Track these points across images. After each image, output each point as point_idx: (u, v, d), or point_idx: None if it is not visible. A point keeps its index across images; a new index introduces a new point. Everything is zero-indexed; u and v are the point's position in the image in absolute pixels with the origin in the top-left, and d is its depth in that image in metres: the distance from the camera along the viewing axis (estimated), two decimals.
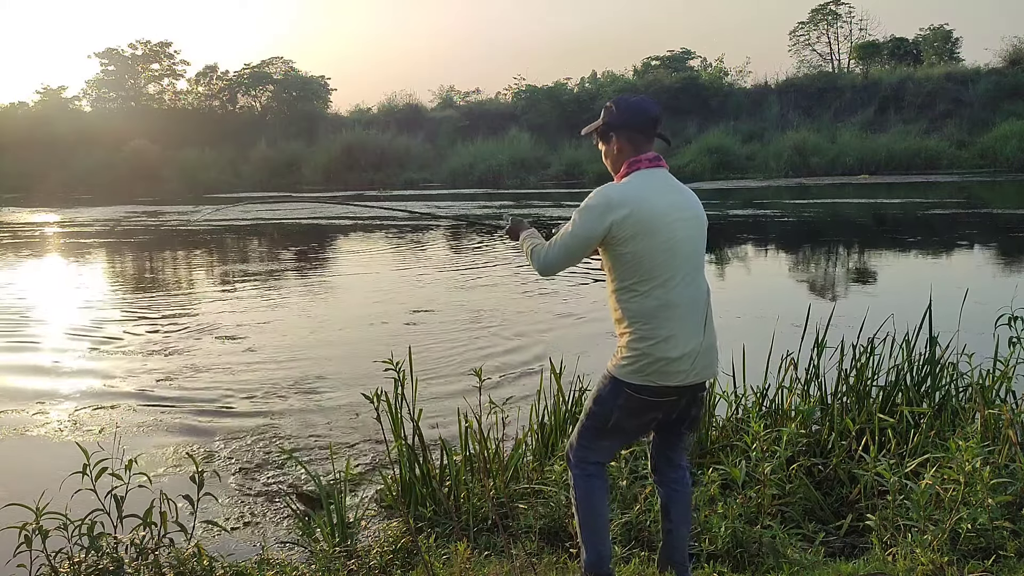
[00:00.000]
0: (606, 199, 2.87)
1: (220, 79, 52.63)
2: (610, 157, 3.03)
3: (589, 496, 3.05)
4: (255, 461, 5.32)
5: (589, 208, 2.88)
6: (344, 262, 15.89)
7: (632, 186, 2.90)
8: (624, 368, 2.92)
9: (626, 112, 3.00)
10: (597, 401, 3.00)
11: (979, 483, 3.30)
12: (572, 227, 2.92)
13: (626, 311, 2.93)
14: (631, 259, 2.87)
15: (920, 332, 4.65)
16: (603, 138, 3.04)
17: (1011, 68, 39.36)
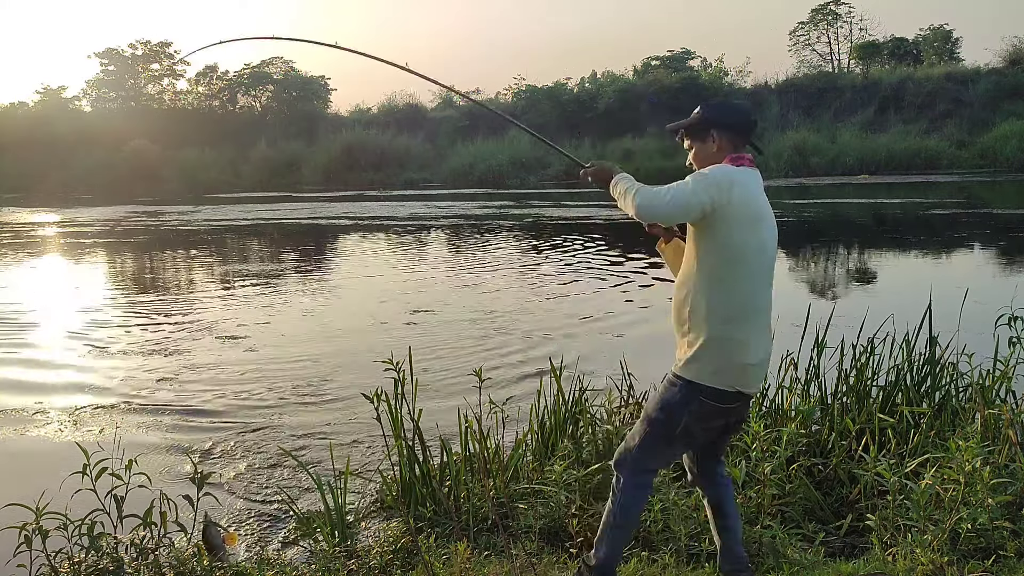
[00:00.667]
0: (727, 175, 2.80)
1: (220, 79, 52.63)
2: (704, 155, 2.97)
3: (634, 505, 3.02)
4: (255, 461, 5.32)
5: (709, 177, 2.79)
6: (344, 262, 15.89)
7: (745, 176, 2.85)
8: (703, 371, 2.83)
9: (728, 111, 3.01)
10: (664, 407, 2.90)
11: (979, 483, 3.30)
12: (692, 186, 2.77)
13: (710, 307, 2.82)
14: (729, 248, 2.79)
15: (920, 332, 4.65)
16: (698, 135, 2.99)
17: (1011, 68, 39.35)
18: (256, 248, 18.80)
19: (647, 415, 2.96)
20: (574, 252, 15.21)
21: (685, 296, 2.89)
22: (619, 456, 3.06)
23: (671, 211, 2.78)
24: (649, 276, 12.21)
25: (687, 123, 3.03)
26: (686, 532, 3.47)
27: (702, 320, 2.83)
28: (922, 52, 48.97)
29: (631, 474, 2.99)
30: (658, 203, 2.78)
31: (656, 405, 2.93)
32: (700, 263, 2.84)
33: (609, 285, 11.51)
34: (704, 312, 2.83)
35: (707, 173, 2.81)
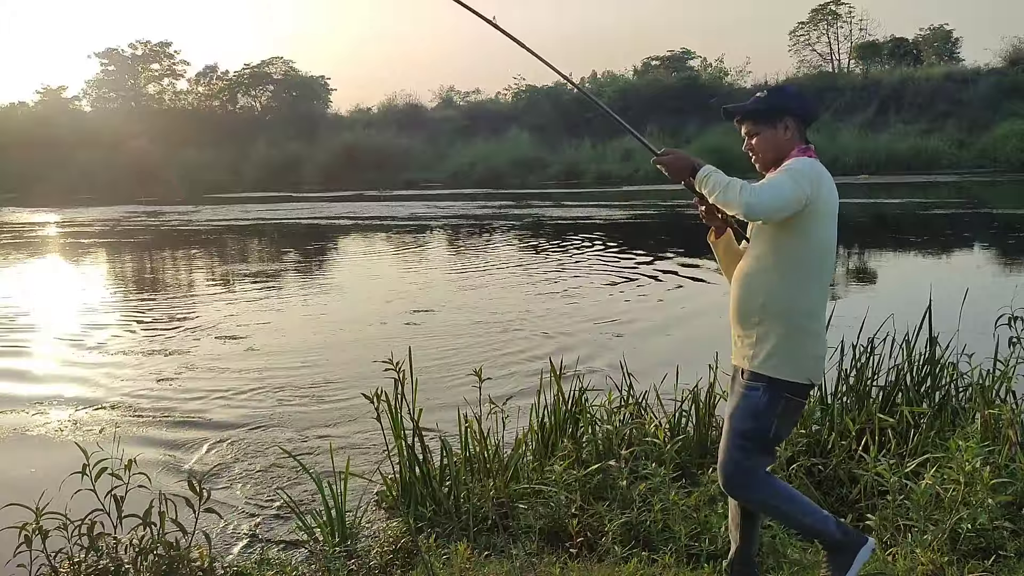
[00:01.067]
0: (815, 168, 2.77)
1: (220, 79, 52.70)
2: (774, 143, 2.88)
3: (786, 491, 2.92)
4: (255, 461, 5.32)
5: (802, 171, 2.74)
6: (344, 262, 15.89)
7: (824, 169, 2.81)
8: (784, 367, 2.79)
9: (801, 99, 2.95)
10: (754, 416, 2.82)
11: (979, 483, 3.30)
12: (790, 182, 2.70)
13: (793, 300, 2.79)
14: (818, 242, 2.78)
15: (920, 332, 4.65)
16: (767, 121, 2.88)
17: (1011, 68, 39.40)
18: (256, 248, 18.80)
19: (736, 431, 2.85)
20: (574, 252, 15.21)
21: (758, 289, 2.83)
22: (728, 484, 2.91)
23: (777, 208, 2.69)
24: (649, 276, 12.20)
25: (754, 107, 2.91)
26: (686, 532, 3.46)
27: (782, 314, 2.80)
28: (922, 52, 49.00)
29: (752, 487, 2.89)
30: (765, 200, 2.67)
31: (744, 417, 2.83)
32: (783, 256, 2.79)
33: (609, 285, 11.51)
34: (786, 305, 2.80)
35: (799, 168, 2.75)
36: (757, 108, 2.90)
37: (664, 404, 4.64)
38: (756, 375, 2.82)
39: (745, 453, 2.85)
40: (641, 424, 4.39)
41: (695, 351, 6.99)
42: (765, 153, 2.90)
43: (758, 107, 2.90)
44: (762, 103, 2.91)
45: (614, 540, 3.48)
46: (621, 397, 4.59)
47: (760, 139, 2.90)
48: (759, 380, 2.81)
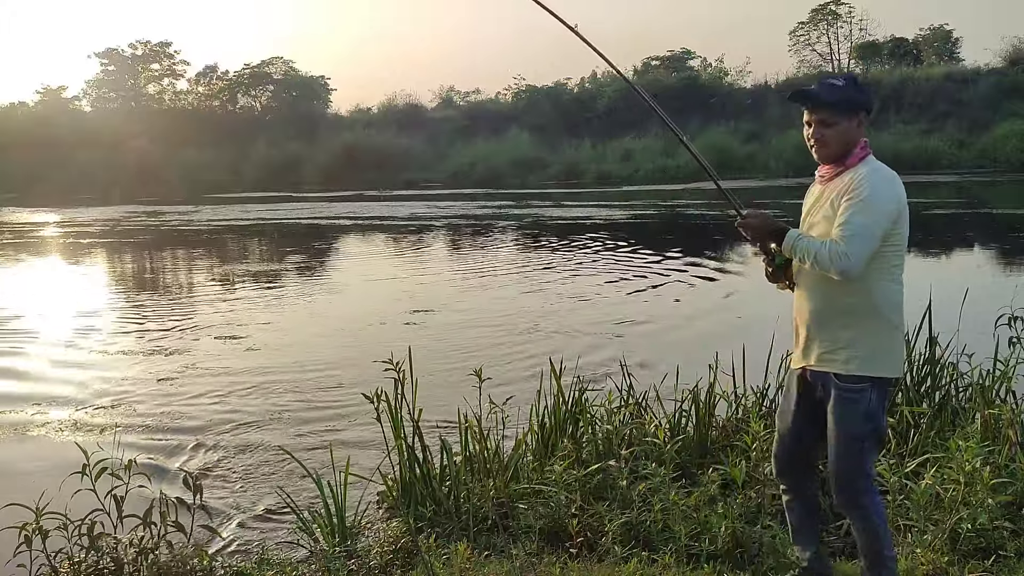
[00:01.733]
0: (895, 182, 2.82)
1: (220, 79, 52.64)
2: (847, 135, 2.86)
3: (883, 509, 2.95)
4: (255, 461, 5.32)
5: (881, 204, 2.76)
6: (344, 262, 15.89)
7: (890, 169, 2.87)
8: (885, 364, 2.83)
9: (872, 95, 2.98)
10: (868, 417, 2.82)
11: (979, 483, 3.30)
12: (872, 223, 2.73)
13: (886, 298, 2.83)
14: (900, 241, 2.82)
15: (920, 332, 4.65)
16: (847, 113, 2.85)
17: (1011, 68, 39.36)
18: (256, 248, 18.81)
19: (854, 436, 2.83)
20: (574, 252, 15.21)
21: (842, 291, 2.82)
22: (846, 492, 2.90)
23: (869, 257, 2.74)
24: (649, 275, 12.20)
25: (837, 99, 2.85)
26: (686, 532, 3.46)
27: (875, 312, 2.82)
28: (922, 52, 48.96)
29: (869, 497, 2.89)
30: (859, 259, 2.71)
31: (857, 420, 2.82)
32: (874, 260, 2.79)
33: (609, 284, 11.51)
34: (879, 303, 2.82)
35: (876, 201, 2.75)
36: (840, 99, 2.85)
37: (664, 404, 4.64)
38: (859, 377, 2.81)
39: (866, 457, 2.87)
40: (641, 424, 4.39)
41: (695, 351, 6.99)
42: (836, 145, 2.88)
43: (841, 98, 2.86)
44: (846, 94, 2.87)
45: (614, 540, 3.48)
46: (621, 397, 4.60)
47: (835, 131, 2.87)
48: (863, 381, 2.81)
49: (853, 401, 2.81)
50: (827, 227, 2.84)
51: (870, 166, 2.86)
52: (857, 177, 2.81)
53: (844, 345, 2.83)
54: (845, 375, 2.82)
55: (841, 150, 2.88)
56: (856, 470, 2.85)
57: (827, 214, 2.85)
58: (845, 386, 2.82)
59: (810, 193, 3.09)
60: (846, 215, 2.75)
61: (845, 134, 2.86)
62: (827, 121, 2.87)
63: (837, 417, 2.85)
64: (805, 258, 2.80)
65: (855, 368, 2.81)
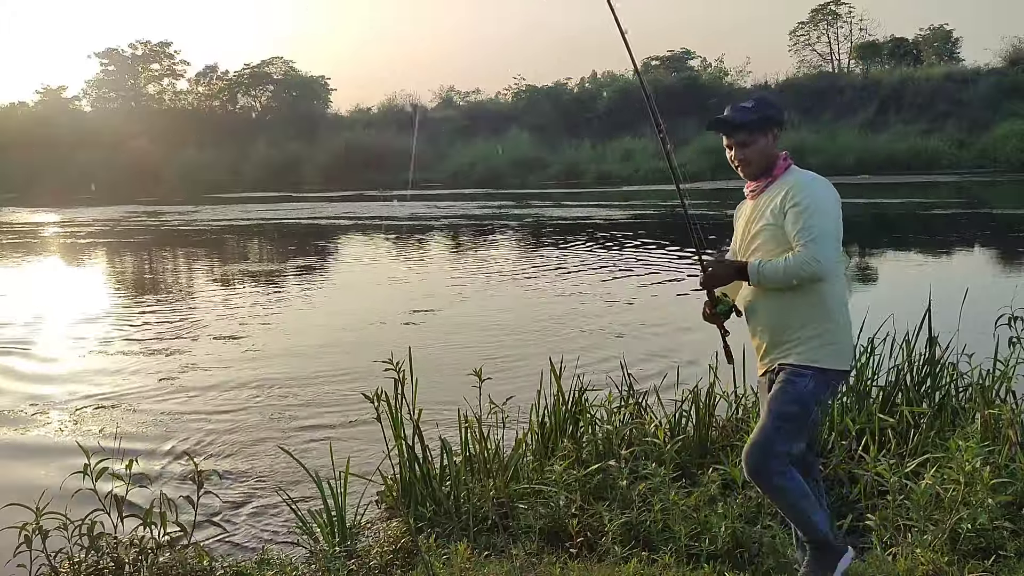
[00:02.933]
0: (832, 190, 3.00)
1: (220, 79, 52.68)
2: (766, 150, 3.06)
3: (801, 487, 3.01)
4: (255, 461, 5.32)
5: (829, 202, 2.96)
6: (344, 262, 15.89)
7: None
8: (829, 356, 2.98)
9: (782, 110, 3.16)
10: (798, 401, 2.97)
11: (979, 483, 3.30)
12: (828, 221, 2.91)
13: (833, 294, 3.00)
14: (839, 241, 2.98)
15: (920, 332, 4.65)
16: (761, 131, 3.05)
17: (1011, 68, 39.40)
18: (256, 248, 18.81)
19: (777, 413, 2.98)
20: (574, 252, 15.21)
21: (798, 296, 2.97)
22: (754, 462, 3.00)
23: (834, 257, 2.91)
24: (648, 275, 12.20)
25: (750, 119, 3.05)
26: (686, 532, 3.46)
27: (826, 308, 2.98)
28: (922, 52, 48.99)
29: (779, 475, 2.97)
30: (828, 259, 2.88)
31: (788, 401, 2.96)
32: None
33: (609, 284, 11.51)
34: (828, 300, 2.98)
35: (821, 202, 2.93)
36: (752, 120, 3.04)
37: (664, 404, 4.64)
38: (804, 365, 2.98)
39: (781, 435, 2.96)
40: (641, 424, 4.39)
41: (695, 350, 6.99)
42: (758, 162, 3.07)
43: (754, 118, 3.04)
44: (756, 113, 3.05)
45: (614, 540, 3.48)
46: (621, 397, 4.59)
47: (753, 149, 3.06)
48: (807, 369, 2.97)
49: (791, 383, 2.98)
50: (772, 237, 2.99)
51: (798, 174, 3.05)
52: (795, 185, 2.99)
53: (797, 341, 3.01)
54: (793, 364, 3.01)
55: (764, 164, 3.07)
56: (767, 445, 2.96)
57: (768, 223, 3.00)
58: (789, 370, 3.00)
59: (741, 209, 3.25)
60: (801, 222, 2.89)
61: (764, 150, 3.06)
62: (745, 142, 3.06)
63: (772, 395, 3.03)
64: (776, 277, 2.93)
65: (802, 359, 2.99)
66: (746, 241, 3.13)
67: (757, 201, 3.11)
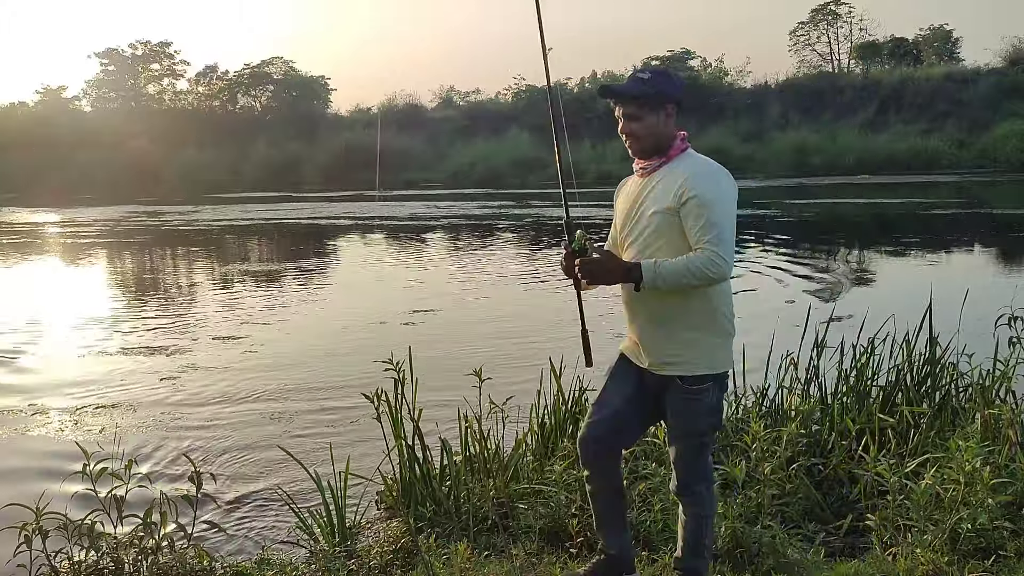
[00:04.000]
0: (733, 181, 2.78)
1: (220, 79, 52.64)
2: (657, 128, 2.80)
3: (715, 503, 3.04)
4: (255, 461, 5.32)
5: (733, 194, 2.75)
6: (344, 262, 15.89)
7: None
8: (721, 360, 2.86)
9: (683, 86, 2.91)
10: (710, 412, 2.87)
11: (979, 483, 3.30)
12: (731, 219, 2.69)
13: (719, 298, 2.82)
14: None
15: (920, 332, 4.65)
16: (652, 107, 2.78)
17: (1011, 68, 39.40)
18: (256, 248, 18.80)
19: (696, 431, 2.88)
20: None
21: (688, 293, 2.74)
22: (687, 480, 2.94)
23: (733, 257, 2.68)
24: None
25: (641, 91, 2.79)
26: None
27: (714, 312, 2.82)
28: (922, 52, 48.98)
29: (707, 484, 2.97)
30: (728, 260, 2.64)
31: (702, 415, 2.85)
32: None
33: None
34: (717, 303, 2.82)
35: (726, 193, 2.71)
36: (645, 92, 2.78)
37: None
38: (702, 377, 2.81)
39: (706, 449, 2.95)
40: None
41: None
42: (646, 139, 2.82)
43: (646, 91, 2.78)
44: (650, 87, 2.79)
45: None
46: None
47: (642, 125, 2.80)
48: (706, 381, 2.82)
49: (697, 400, 2.82)
50: (667, 224, 2.74)
51: (697, 160, 2.83)
52: (696, 174, 2.74)
53: (687, 348, 2.80)
54: (689, 376, 2.81)
55: (654, 143, 2.81)
56: (697, 462, 2.93)
57: (661, 209, 2.74)
58: (689, 387, 2.81)
59: (625, 188, 3.05)
60: (705, 218, 2.65)
61: (654, 127, 2.80)
62: (634, 115, 2.81)
63: (681, 415, 2.88)
64: (676, 280, 2.65)
65: (699, 369, 2.80)
66: (632, 224, 2.89)
67: (647, 181, 2.85)
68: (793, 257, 14.25)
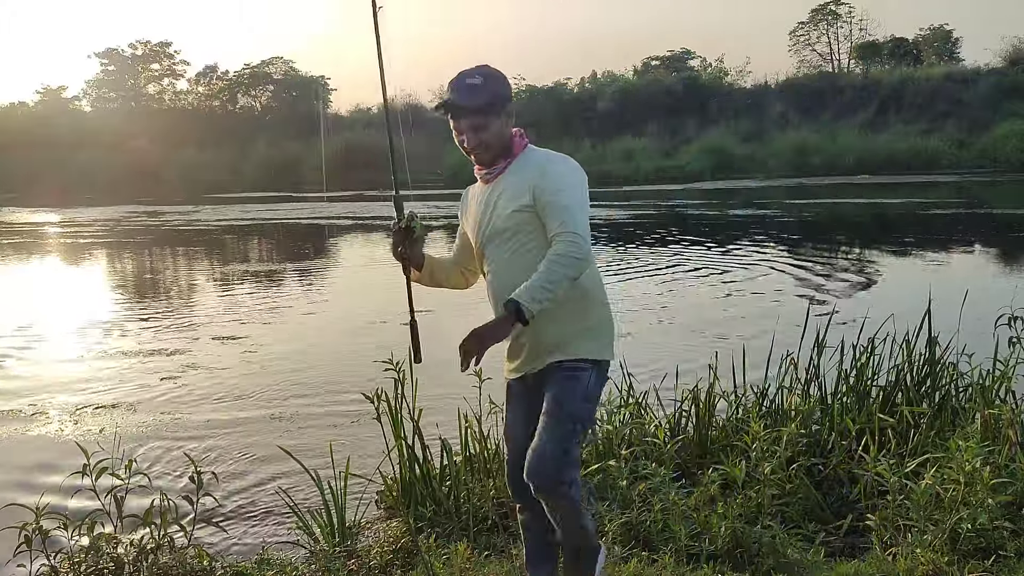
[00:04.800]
0: (579, 167, 2.74)
1: (220, 79, 52.67)
2: (502, 132, 2.73)
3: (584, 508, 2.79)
4: (255, 460, 5.32)
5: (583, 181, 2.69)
6: (344, 262, 15.89)
7: None
8: (602, 347, 2.75)
9: (509, 83, 2.81)
10: (587, 398, 2.71)
11: (979, 483, 3.30)
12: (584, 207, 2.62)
13: (590, 280, 2.74)
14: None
15: (920, 332, 4.64)
16: (498, 112, 2.70)
17: (1011, 68, 39.38)
18: (256, 248, 18.80)
19: (568, 414, 2.64)
20: None
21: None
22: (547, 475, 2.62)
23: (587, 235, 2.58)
24: (648, 274, 12.20)
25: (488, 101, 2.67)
26: (686, 532, 3.46)
27: (593, 296, 2.75)
28: (922, 52, 49.00)
29: (574, 489, 2.66)
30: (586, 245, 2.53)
31: (575, 398, 2.66)
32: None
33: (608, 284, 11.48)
34: (593, 289, 2.76)
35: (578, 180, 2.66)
36: (487, 101, 2.67)
37: (664, 404, 4.64)
38: (581, 360, 2.69)
39: (575, 440, 2.67)
40: (641, 424, 4.39)
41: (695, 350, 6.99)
42: (497, 144, 2.73)
43: (488, 100, 2.67)
44: (489, 93, 2.68)
45: (614, 540, 3.48)
46: (621, 397, 4.59)
47: (491, 133, 2.70)
48: (585, 363, 2.70)
49: (575, 379, 2.67)
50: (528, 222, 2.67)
51: (541, 153, 2.76)
52: (544, 167, 2.68)
53: (564, 336, 2.70)
54: (568, 360, 2.69)
55: (502, 146, 2.74)
56: (563, 452, 2.62)
57: (519, 208, 2.66)
58: (567, 366, 2.68)
59: (471, 196, 2.94)
60: (560, 211, 2.56)
61: (501, 131, 2.72)
62: (481, 125, 2.69)
63: (554, 396, 2.67)
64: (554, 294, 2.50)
65: (579, 353, 2.70)
66: (490, 230, 2.77)
67: (496, 184, 2.77)
68: (793, 257, 14.25)
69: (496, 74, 2.75)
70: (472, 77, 2.70)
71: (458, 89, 2.70)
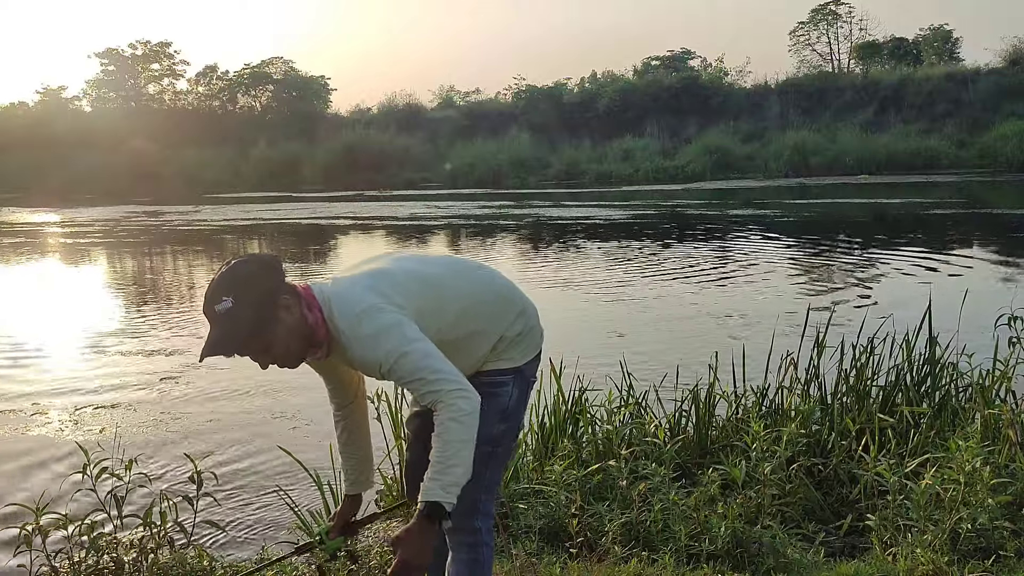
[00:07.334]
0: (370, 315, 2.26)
1: (220, 79, 52.64)
2: (295, 327, 2.30)
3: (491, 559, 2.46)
4: (255, 460, 5.32)
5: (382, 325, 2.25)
6: (344, 262, 15.87)
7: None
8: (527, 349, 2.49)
9: (268, 263, 2.42)
10: (505, 415, 2.38)
11: (979, 483, 3.30)
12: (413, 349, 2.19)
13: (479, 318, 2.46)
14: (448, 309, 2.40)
15: (920, 332, 4.65)
16: (271, 324, 2.25)
17: (1011, 68, 39.40)
18: (256, 248, 18.78)
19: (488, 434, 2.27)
20: (573, 252, 15.21)
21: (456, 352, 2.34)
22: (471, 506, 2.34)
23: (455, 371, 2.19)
24: (648, 274, 12.20)
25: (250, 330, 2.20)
26: (686, 532, 3.46)
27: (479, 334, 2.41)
28: (922, 52, 48.99)
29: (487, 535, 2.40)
30: (455, 392, 2.13)
31: (492, 418, 2.30)
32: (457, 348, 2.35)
33: (607, 284, 11.50)
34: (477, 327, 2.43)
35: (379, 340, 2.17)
36: (248, 328, 2.21)
37: (664, 404, 4.64)
38: (500, 371, 2.40)
39: (495, 463, 2.40)
40: (641, 424, 4.39)
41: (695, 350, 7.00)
42: (297, 346, 2.27)
43: (248, 325, 2.20)
44: (250, 317, 2.19)
45: (614, 540, 3.48)
46: (621, 397, 4.59)
47: (280, 346, 2.25)
48: (506, 374, 2.40)
49: (493, 395, 2.34)
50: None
51: (337, 324, 2.23)
52: (350, 345, 2.22)
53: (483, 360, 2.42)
54: (485, 371, 2.40)
55: (304, 345, 2.26)
56: (477, 480, 2.22)
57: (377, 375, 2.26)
58: (485, 380, 2.36)
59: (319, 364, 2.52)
60: (406, 375, 2.17)
61: (288, 338, 2.22)
62: (263, 349, 2.26)
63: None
64: (458, 463, 2.13)
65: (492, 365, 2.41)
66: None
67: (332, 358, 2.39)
68: (793, 257, 14.25)
69: (240, 273, 2.26)
70: (222, 303, 2.20)
71: (214, 322, 2.22)
